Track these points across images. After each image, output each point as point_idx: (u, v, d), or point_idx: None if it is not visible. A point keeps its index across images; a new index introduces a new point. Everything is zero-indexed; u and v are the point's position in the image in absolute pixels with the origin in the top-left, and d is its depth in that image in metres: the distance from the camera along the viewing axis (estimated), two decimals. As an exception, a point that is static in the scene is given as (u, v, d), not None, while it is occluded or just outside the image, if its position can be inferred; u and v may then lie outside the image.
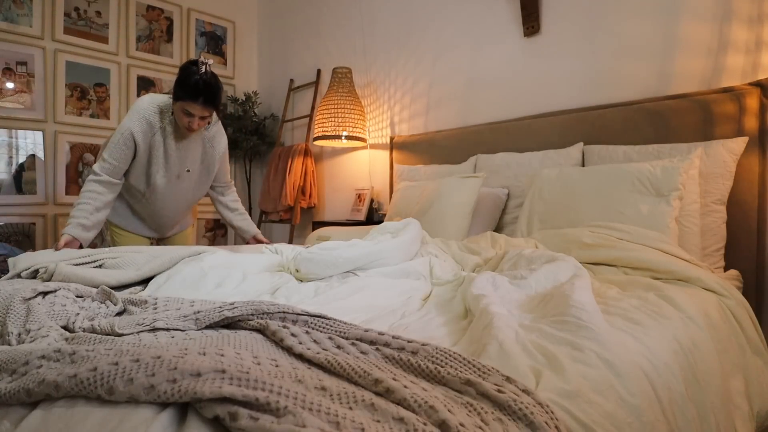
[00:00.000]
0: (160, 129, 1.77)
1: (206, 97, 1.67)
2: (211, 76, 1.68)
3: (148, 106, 1.76)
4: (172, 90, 1.72)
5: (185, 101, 1.67)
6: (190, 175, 1.93)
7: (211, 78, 1.68)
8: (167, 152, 1.81)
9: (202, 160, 1.95)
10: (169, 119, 1.79)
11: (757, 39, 1.66)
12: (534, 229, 1.80)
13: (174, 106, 1.73)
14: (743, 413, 1.06)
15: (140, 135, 1.73)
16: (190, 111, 1.68)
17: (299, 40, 3.74)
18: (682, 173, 1.51)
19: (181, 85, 1.67)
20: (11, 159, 2.93)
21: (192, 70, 1.66)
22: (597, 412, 0.63)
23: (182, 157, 1.86)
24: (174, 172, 1.87)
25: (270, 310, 0.81)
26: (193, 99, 1.66)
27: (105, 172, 1.74)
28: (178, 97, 1.68)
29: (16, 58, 2.91)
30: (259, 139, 3.75)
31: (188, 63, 1.69)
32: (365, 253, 1.34)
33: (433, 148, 2.63)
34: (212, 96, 1.69)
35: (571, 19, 2.16)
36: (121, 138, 1.73)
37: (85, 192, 1.72)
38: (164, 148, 1.80)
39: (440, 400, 0.54)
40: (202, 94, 1.66)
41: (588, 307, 0.87)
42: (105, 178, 1.74)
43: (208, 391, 0.48)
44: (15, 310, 0.83)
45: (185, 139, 1.84)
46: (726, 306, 1.21)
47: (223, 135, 1.99)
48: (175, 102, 1.71)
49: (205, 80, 1.66)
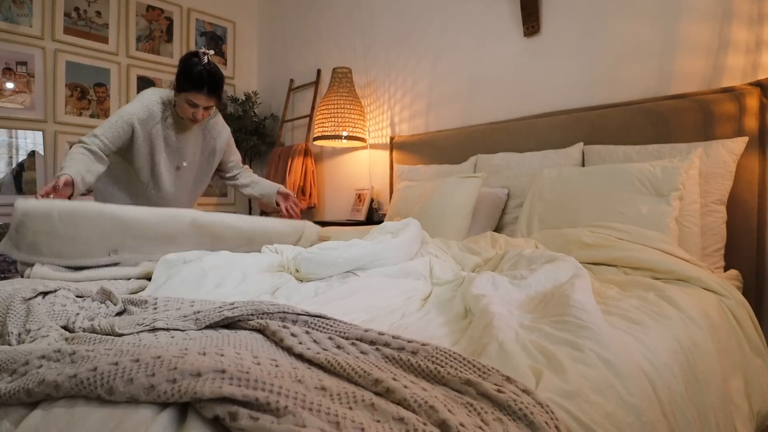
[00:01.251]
0: (162, 120, 1.78)
1: (210, 87, 1.70)
2: (213, 66, 1.71)
3: (152, 96, 1.78)
4: (174, 83, 1.73)
5: (189, 92, 1.68)
6: (189, 167, 1.95)
7: (213, 68, 1.71)
8: (168, 144, 1.83)
9: (202, 151, 1.97)
10: (171, 112, 1.80)
11: (757, 39, 1.65)
12: (534, 229, 1.80)
13: (177, 99, 1.74)
14: (743, 413, 1.06)
15: (139, 123, 1.73)
16: (195, 101, 1.70)
17: (299, 40, 3.74)
18: (682, 173, 1.51)
19: (184, 76, 1.68)
20: (11, 159, 2.93)
21: (194, 61, 1.68)
22: (597, 412, 0.63)
23: (182, 150, 1.88)
24: (175, 164, 1.89)
25: (270, 310, 0.81)
26: (198, 89, 1.68)
27: (94, 145, 1.63)
28: (182, 89, 1.69)
29: (16, 58, 2.91)
30: (259, 139, 3.75)
31: (189, 54, 1.71)
32: (365, 253, 1.34)
33: (433, 148, 2.63)
34: (216, 85, 1.72)
35: (571, 19, 2.16)
36: (120, 120, 1.70)
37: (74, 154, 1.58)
38: (164, 140, 1.81)
39: (440, 400, 0.54)
40: (207, 83, 1.68)
41: (588, 307, 0.87)
42: (95, 149, 1.62)
43: (208, 391, 0.48)
44: (15, 310, 0.83)
45: (185, 132, 1.85)
46: (726, 306, 1.21)
47: (224, 125, 2.00)
48: (179, 94, 1.72)
49: (209, 70, 1.68)
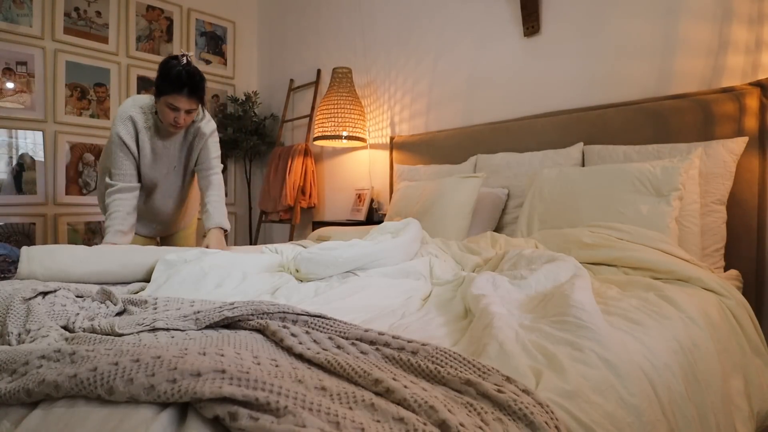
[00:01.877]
0: (145, 128, 1.76)
1: (191, 88, 1.65)
2: (193, 67, 1.66)
3: (130, 108, 1.74)
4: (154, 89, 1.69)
5: (169, 95, 1.64)
6: (177, 171, 1.92)
7: (193, 68, 1.66)
8: (154, 150, 1.81)
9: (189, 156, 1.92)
10: (152, 117, 1.77)
11: (757, 39, 1.65)
12: (534, 229, 1.80)
13: (158, 104, 1.69)
14: (743, 413, 1.06)
15: (127, 136, 1.73)
16: (176, 104, 1.65)
17: (299, 40, 3.74)
18: (682, 173, 1.51)
19: (163, 78, 1.64)
20: (11, 159, 2.93)
21: (172, 63, 1.64)
22: (597, 412, 0.63)
23: (170, 156, 1.85)
24: (162, 171, 1.87)
25: (270, 310, 0.81)
26: (178, 91, 1.63)
27: (118, 180, 1.77)
28: (162, 92, 1.65)
29: (16, 58, 2.91)
30: (259, 139, 3.75)
31: (168, 58, 1.67)
32: (365, 253, 1.34)
33: (433, 148, 2.63)
34: (196, 86, 1.66)
35: (571, 19, 2.16)
36: (114, 146, 1.75)
37: (110, 203, 1.75)
38: (151, 146, 1.79)
39: (440, 400, 0.54)
40: (186, 84, 1.63)
41: (588, 307, 0.87)
42: (121, 185, 1.76)
43: (208, 391, 0.48)
44: (15, 310, 0.83)
45: (171, 137, 1.82)
46: (726, 306, 1.21)
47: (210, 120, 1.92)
48: (159, 98, 1.67)
49: (188, 70, 1.64)
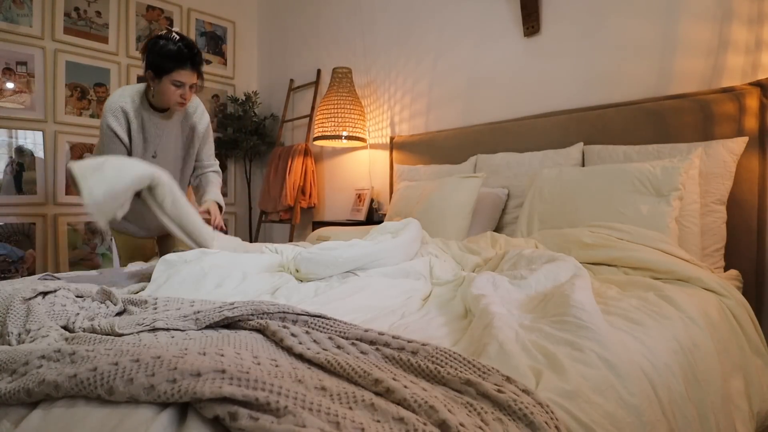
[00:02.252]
0: (135, 116, 1.71)
1: (193, 60, 1.62)
2: (188, 40, 1.63)
3: (119, 98, 1.70)
4: (148, 73, 1.64)
5: (173, 71, 1.60)
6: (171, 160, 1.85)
7: (189, 41, 1.63)
8: (146, 140, 1.76)
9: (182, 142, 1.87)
10: (144, 105, 1.72)
11: (757, 39, 1.65)
12: (534, 229, 1.80)
13: (160, 86, 1.64)
14: (743, 413, 1.06)
15: (118, 127, 1.68)
16: (181, 80, 1.62)
17: (299, 40, 3.74)
18: (682, 173, 1.51)
19: (162, 57, 1.60)
20: (11, 159, 2.93)
21: (164, 42, 1.60)
22: (597, 412, 0.63)
23: (164, 144, 1.80)
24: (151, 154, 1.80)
25: (270, 310, 0.81)
26: (182, 65, 1.60)
27: None
28: (164, 71, 1.60)
29: (16, 58, 2.91)
30: (259, 139, 3.75)
31: (155, 38, 1.62)
32: (365, 253, 1.34)
33: (433, 148, 2.63)
34: (198, 57, 1.64)
35: (571, 19, 2.16)
36: (104, 137, 1.69)
37: None
38: (143, 136, 1.74)
39: (440, 400, 0.54)
40: (189, 57, 1.61)
41: (588, 307, 0.87)
42: None
43: (208, 391, 0.48)
44: (15, 310, 0.83)
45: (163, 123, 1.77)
46: (726, 306, 1.21)
47: (204, 111, 1.90)
48: (161, 79, 1.62)
49: (186, 44, 1.61)
